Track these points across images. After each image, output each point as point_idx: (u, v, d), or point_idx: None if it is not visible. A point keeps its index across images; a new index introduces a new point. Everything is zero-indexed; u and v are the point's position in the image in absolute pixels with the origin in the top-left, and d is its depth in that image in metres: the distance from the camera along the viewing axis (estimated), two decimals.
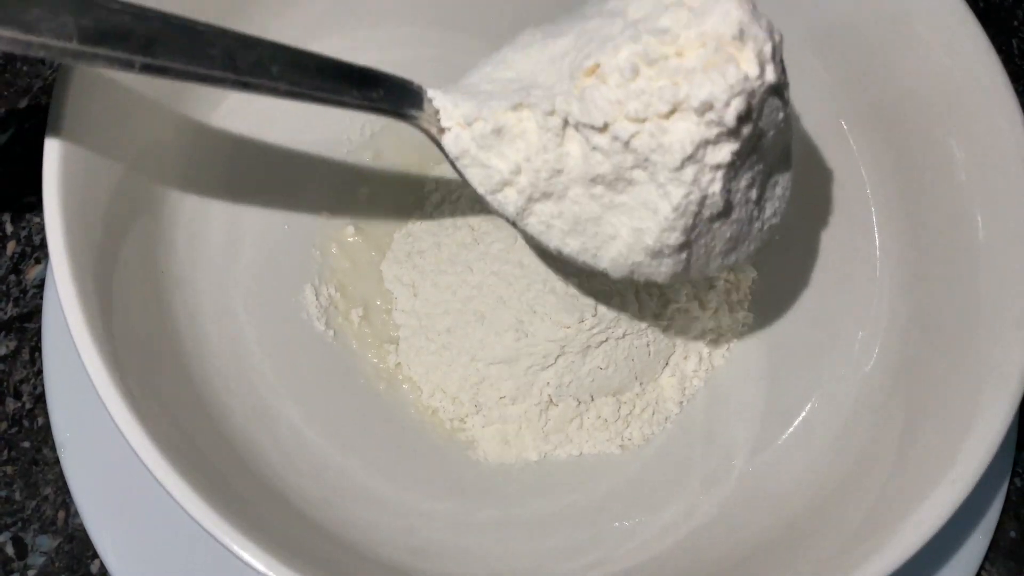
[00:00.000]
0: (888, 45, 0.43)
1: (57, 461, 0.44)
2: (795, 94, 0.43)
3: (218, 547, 0.32)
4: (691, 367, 0.45)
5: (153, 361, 0.35)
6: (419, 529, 0.38)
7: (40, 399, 0.46)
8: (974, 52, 0.40)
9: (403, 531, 0.37)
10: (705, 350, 0.45)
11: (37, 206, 0.50)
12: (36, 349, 0.47)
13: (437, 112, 0.32)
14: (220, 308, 0.40)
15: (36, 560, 0.44)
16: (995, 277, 0.37)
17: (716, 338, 0.45)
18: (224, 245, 0.41)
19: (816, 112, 0.44)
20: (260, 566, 0.31)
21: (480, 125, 0.31)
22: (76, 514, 0.44)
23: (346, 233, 0.44)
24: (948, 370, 0.37)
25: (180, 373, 0.36)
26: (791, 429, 0.42)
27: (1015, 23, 0.60)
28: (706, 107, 0.26)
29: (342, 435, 0.40)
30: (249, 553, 0.31)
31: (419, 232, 0.44)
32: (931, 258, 0.41)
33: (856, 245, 0.44)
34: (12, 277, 0.49)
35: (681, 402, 0.45)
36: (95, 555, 0.44)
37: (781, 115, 0.29)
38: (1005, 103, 0.39)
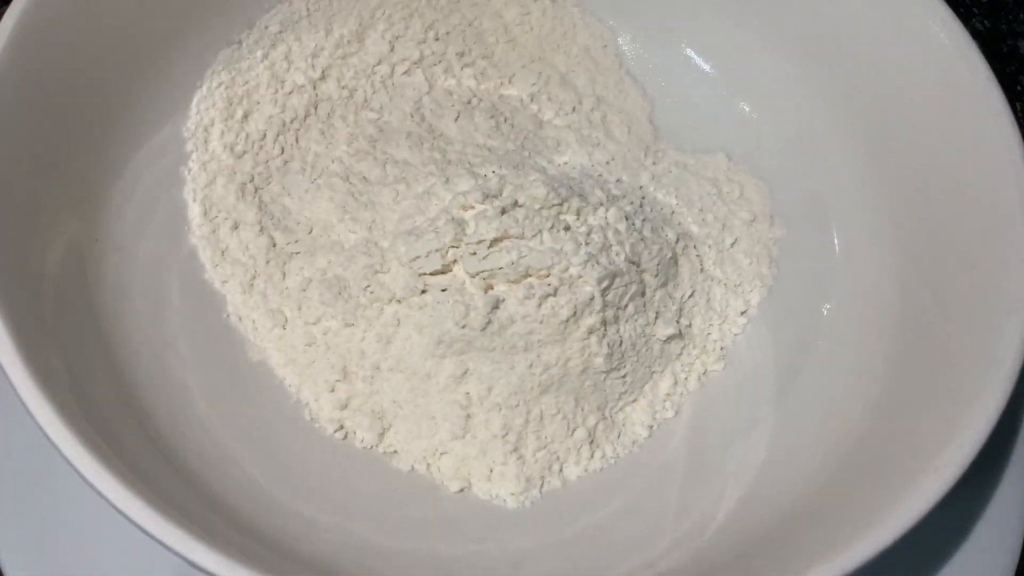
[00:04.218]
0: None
1: None
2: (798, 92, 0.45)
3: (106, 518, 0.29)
4: (664, 388, 0.41)
5: (63, 313, 0.33)
6: (307, 536, 0.34)
7: None
8: (958, 49, 0.39)
9: (292, 536, 0.33)
10: (681, 373, 0.41)
11: None
12: None
13: None
14: (151, 280, 0.38)
15: None
16: (988, 264, 0.35)
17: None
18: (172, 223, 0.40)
19: (818, 100, 0.45)
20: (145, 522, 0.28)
21: None
22: None
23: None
24: (942, 358, 0.35)
25: (89, 331, 0.34)
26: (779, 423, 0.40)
27: (1018, 87, 0.59)
28: None
29: (236, 423, 0.37)
30: (129, 507, 0.28)
31: None
32: (924, 246, 0.39)
33: (850, 233, 0.42)
34: None
35: (651, 426, 0.41)
36: None
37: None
38: (993, 98, 0.38)
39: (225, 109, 0.43)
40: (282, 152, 0.44)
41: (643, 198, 0.44)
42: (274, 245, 0.41)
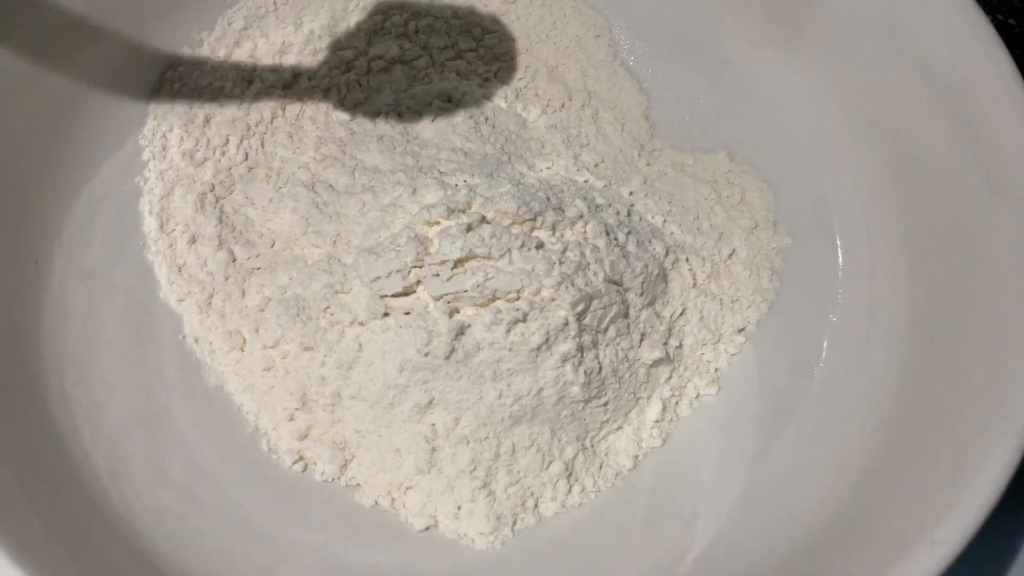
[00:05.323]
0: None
1: None
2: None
3: None
4: (652, 415, 0.38)
5: None
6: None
7: None
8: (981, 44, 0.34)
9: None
10: (670, 396, 0.38)
11: None
12: None
13: None
14: (137, 308, 0.37)
15: None
16: (1001, 303, 0.31)
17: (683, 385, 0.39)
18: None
19: (827, 96, 0.41)
20: None
21: None
22: None
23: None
24: (949, 415, 0.31)
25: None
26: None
27: None
28: None
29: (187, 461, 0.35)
30: None
31: None
32: (940, 260, 0.36)
33: (860, 244, 0.39)
34: None
35: (636, 456, 0.38)
36: None
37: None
38: (1020, 99, 0.34)
39: (185, 113, 0.41)
40: (246, 158, 0.41)
41: (631, 206, 0.40)
42: (234, 260, 0.39)
